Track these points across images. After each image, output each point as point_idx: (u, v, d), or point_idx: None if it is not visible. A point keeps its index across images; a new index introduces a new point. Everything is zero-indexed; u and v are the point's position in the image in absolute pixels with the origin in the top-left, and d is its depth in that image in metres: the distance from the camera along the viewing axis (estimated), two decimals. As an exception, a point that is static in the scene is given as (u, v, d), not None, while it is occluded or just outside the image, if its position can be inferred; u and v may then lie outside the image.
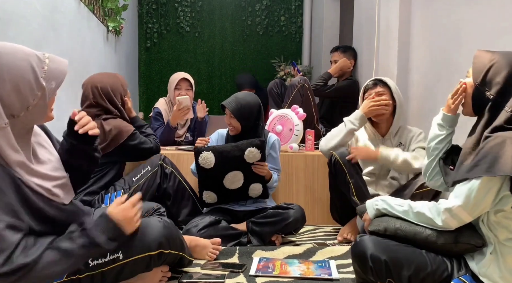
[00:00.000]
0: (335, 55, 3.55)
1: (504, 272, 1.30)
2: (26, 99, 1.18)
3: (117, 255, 1.38)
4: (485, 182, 1.27)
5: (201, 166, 2.14)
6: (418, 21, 2.60)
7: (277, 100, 3.58)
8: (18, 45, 1.21)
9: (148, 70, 5.20)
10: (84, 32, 2.86)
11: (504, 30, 1.78)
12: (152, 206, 1.85)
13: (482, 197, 1.28)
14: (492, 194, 1.28)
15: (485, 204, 1.29)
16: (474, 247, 1.35)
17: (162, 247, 1.46)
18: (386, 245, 1.40)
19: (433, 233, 1.38)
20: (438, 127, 1.57)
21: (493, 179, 1.26)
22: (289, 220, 2.11)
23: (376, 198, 1.58)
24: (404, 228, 1.42)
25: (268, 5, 5.25)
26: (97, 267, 1.36)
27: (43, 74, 1.20)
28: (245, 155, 2.13)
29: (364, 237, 1.44)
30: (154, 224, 1.48)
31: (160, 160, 2.28)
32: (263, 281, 1.65)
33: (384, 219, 1.51)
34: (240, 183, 2.18)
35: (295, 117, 2.76)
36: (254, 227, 2.13)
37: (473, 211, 1.31)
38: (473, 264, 1.36)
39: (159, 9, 5.15)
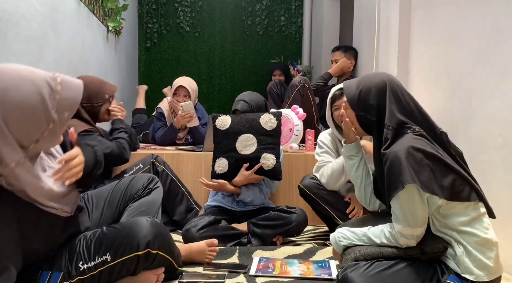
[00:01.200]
0: (336, 55, 3.55)
1: (478, 258, 1.33)
2: (35, 134, 1.12)
3: (105, 257, 1.38)
4: (404, 196, 1.37)
5: (217, 127, 2.20)
6: (418, 21, 2.60)
7: (277, 100, 3.58)
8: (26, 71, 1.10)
9: (148, 70, 5.19)
10: (84, 32, 2.85)
11: (504, 30, 1.79)
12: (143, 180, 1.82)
13: (411, 208, 1.38)
14: (416, 202, 1.38)
15: (419, 212, 1.38)
16: (438, 253, 1.41)
17: (150, 246, 1.42)
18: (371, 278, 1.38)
19: (398, 248, 1.43)
20: (348, 159, 1.70)
21: (407, 190, 1.35)
22: (291, 225, 2.11)
23: (337, 233, 1.61)
24: (369, 252, 1.47)
25: (268, 5, 5.25)
26: (87, 270, 1.36)
27: (55, 106, 1.11)
28: (261, 118, 2.19)
29: (346, 272, 1.41)
30: (142, 223, 1.46)
31: (152, 158, 2.33)
32: (263, 281, 1.65)
33: (349, 251, 1.54)
34: (253, 149, 2.17)
35: (295, 117, 2.76)
36: (255, 229, 2.12)
37: (416, 223, 1.39)
38: (452, 264, 1.39)
39: (159, 9, 5.15)
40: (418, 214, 1.38)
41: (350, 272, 1.40)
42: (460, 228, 1.36)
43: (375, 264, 1.41)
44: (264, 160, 2.17)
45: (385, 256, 1.43)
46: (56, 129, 1.15)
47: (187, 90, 3.07)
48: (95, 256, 1.37)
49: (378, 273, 1.38)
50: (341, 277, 1.42)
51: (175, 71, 5.14)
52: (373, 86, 1.50)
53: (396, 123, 1.44)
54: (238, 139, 2.18)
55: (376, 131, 1.50)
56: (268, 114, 2.23)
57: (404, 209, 1.38)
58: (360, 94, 1.51)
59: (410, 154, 1.34)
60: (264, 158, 2.17)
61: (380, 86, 1.49)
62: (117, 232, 1.44)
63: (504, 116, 1.79)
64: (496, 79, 1.85)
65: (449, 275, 1.37)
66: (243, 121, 2.22)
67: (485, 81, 1.92)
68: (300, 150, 2.78)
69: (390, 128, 1.44)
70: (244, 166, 2.18)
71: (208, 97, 5.24)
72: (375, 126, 1.50)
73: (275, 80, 3.84)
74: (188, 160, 2.64)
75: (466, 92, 2.05)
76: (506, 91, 1.78)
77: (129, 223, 1.48)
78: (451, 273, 1.38)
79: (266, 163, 2.17)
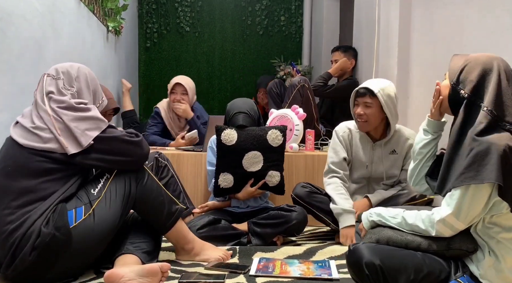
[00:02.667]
0: (336, 55, 3.55)
1: (504, 272, 1.31)
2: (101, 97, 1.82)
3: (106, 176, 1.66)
4: (474, 190, 1.29)
5: (223, 142, 2.15)
6: (418, 21, 2.60)
7: (277, 100, 3.58)
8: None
9: (148, 70, 5.19)
10: (84, 32, 2.85)
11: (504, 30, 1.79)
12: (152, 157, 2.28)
13: (472, 204, 1.30)
14: (482, 201, 1.30)
15: (476, 211, 1.31)
16: (466, 252, 1.37)
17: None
18: (380, 251, 1.39)
19: (424, 241, 1.40)
20: (423, 132, 1.61)
21: (481, 186, 1.28)
22: (291, 223, 2.11)
23: (370, 210, 1.58)
24: (395, 239, 1.44)
25: (268, 5, 5.25)
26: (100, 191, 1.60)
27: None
28: (268, 135, 2.18)
29: (357, 245, 1.42)
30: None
31: (156, 155, 2.35)
32: (263, 281, 1.64)
33: (375, 230, 1.52)
34: (259, 166, 2.17)
35: (295, 117, 2.76)
36: (255, 228, 2.12)
37: (465, 219, 1.32)
38: (473, 267, 1.36)
39: (159, 9, 5.15)
40: (473, 212, 1.31)
41: (362, 244, 1.41)
42: (502, 239, 1.32)
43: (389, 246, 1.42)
44: (270, 178, 2.20)
45: (409, 247, 1.40)
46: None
47: (184, 88, 3.06)
48: (102, 176, 1.64)
49: (388, 249, 1.39)
50: (352, 248, 1.42)
51: (175, 71, 5.14)
52: (480, 64, 1.39)
53: (497, 110, 1.32)
54: (245, 156, 2.17)
55: (464, 110, 1.38)
56: (275, 131, 2.21)
57: (465, 201, 1.30)
58: (465, 67, 1.41)
59: (506, 153, 1.25)
60: (270, 175, 2.20)
61: (487, 67, 1.38)
62: None
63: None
64: (496, 79, 1.84)
65: (463, 275, 1.35)
66: (250, 138, 2.17)
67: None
68: (300, 149, 2.78)
69: (490, 113, 1.31)
70: (249, 182, 2.21)
71: (208, 97, 5.24)
72: (465, 105, 1.38)
73: (275, 80, 3.84)
74: (188, 159, 2.64)
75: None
76: (506, 91, 1.78)
77: None
78: (465, 273, 1.35)
79: (271, 180, 2.20)
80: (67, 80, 1.68)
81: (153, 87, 5.16)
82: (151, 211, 1.72)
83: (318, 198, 2.25)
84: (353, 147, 2.31)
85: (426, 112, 2.43)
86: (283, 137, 2.23)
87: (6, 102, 1.83)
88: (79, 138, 1.55)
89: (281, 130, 2.23)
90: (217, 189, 2.21)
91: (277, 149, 2.22)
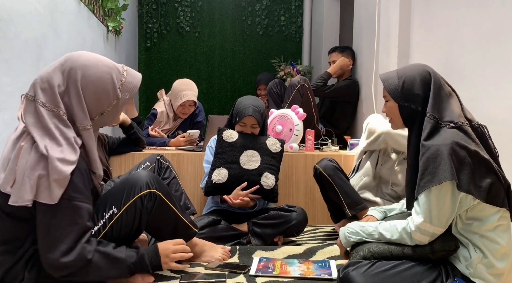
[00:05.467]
0: (333, 56, 3.55)
1: (494, 265, 1.32)
2: (103, 106, 1.38)
3: (112, 211, 1.45)
4: (437, 192, 1.33)
5: (224, 139, 2.22)
6: (418, 21, 2.60)
7: (277, 100, 3.58)
8: (101, 56, 1.41)
9: (148, 70, 5.19)
10: (84, 32, 2.85)
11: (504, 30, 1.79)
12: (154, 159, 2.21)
13: (439, 206, 1.33)
14: (447, 200, 1.33)
15: (446, 211, 1.34)
16: (449, 251, 1.38)
17: (150, 187, 1.51)
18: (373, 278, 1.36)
19: (407, 247, 1.41)
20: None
21: (442, 187, 1.31)
22: (291, 223, 2.11)
23: (346, 227, 1.60)
24: (379, 251, 1.45)
25: (268, 5, 5.25)
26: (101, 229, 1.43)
27: (120, 86, 1.40)
28: (267, 140, 2.25)
29: (350, 273, 1.39)
30: (140, 172, 1.57)
31: (158, 156, 2.37)
32: (263, 281, 1.64)
33: (358, 248, 1.53)
34: (256, 165, 2.18)
35: (295, 117, 2.76)
36: (255, 228, 2.12)
37: (439, 222, 1.35)
38: (462, 267, 1.37)
39: (159, 9, 5.15)
40: (445, 213, 1.34)
41: (352, 270, 1.39)
42: (483, 232, 1.34)
43: (377, 264, 1.40)
44: (266, 179, 2.18)
45: (394, 255, 1.41)
46: (118, 107, 1.41)
47: (194, 101, 3.11)
48: (103, 214, 1.45)
49: (380, 273, 1.37)
50: (342, 275, 1.41)
51: (175, 71, 5.14)
52: (417, 76, 1.45)
53: (437, 114, 1.39)
54: (244, 153, 2.19)
55: (419, 121, 1.43)
56: (274, 139, 2.29)
57: (433, 204, 1.33)
58: (404, 84, 1.45)
59: (453, 150, 1.30)
60: (265, 176, 2.18)
61: (424, 76, 1.44)
62: (117, 186, 1.53)
63: (504, 117, 1.79)
64: (496, 80, 1.85)
65: (454, 279, 1.36)
66: (250, 138, 2.25)
67: (485, 81, 1.93)
68: (300, 149, 2.78)
69: (432, 118, 1.39)
70: (241, 185, 2.14)
71: (208, 97, 5.24)
72: (420, 117, 1.43)
73: (275, 80, 3.84)
74: (188, 159, 2.64)
75: (466, 92, 2.04)
76: (506, 91, 1.78)
77: (127, 177, 1.58)
78: (456, 276, 1.36)
79: (267, 182, 2.17)
80: (49, 98, 1.30)
81: (153, 87, 5.15)
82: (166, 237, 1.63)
83: (342, 177, 2.22)
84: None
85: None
86: (281, 147, 2.28)
87: (6, 102, 1.83)
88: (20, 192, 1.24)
89: (280, 141, 2.30)
90: (209, 185, 2.17)
91: (275, 155, 2.25)
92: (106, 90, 1.36)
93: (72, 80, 1.32)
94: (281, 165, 2.33)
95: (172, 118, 3.21)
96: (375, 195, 2.29)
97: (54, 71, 1.32)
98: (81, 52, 1.38)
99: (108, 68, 1.38)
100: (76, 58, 1.35)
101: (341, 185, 2.20)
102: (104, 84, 1.36)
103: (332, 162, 2.24)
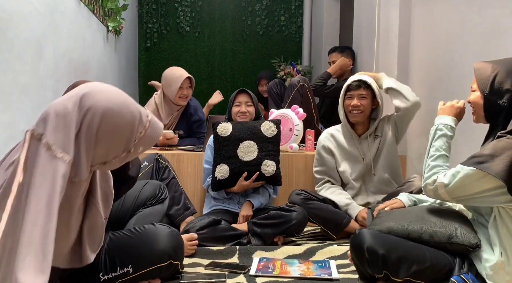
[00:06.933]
0: (333, 56, 3.55)
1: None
2: (108, 156, 1.12)
3: (127, 269, 1.39)
4: (478, 177, 1.30)
5: (219, 134, 2.25)
6: (418, 21, 2.60)
7: (277, 100, 3.58)
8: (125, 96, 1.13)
9: (148, 70, 5.19)
10: (84, 32, 2.85)
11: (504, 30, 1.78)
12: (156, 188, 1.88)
13: (468, 189, 1.33)
14: (480, 190, 1.31)
15: (468, 192, 1.33)
16: (468, 248, 1.36)
17: (172, 258, 1.47)
18: (384, 239, 1.41)
19: (426, 232, 1.40)
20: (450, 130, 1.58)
21: (487, 178, 1.28)
22: (291, 223, 2.11)
23: None
24: (396, 229, 1.45)
25: (268, 5, 5.25)
26: (109, 281, 1.37)
27: (137, 138, 1.13)
28: (262, 125, 2.25)
29: (363, 230, 1.46)
30: (163, 234, 1.48)
31: (156, 156, 2.35)
32: (263, 281, 1.65)
33: (376, 221, 1.54)
34: (254, 155, 2.21)
35: (295, 117, 2.76)
36: (255, 228, 2.12)
37: (453, 193, 1.36)
38: (480, 267, 1.35)
39: (159, 9, 5.15)
40: (464, 194, 1.34)
41: (366, 231, 1.44)
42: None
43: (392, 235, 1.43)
44: (265, 166, 2.21)
45: (410, 238, 1.42)
46: (125, 159, 1.15)
47: (191, 81, 3.03)
48: (116, 268, 1.38)
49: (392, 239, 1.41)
50: (358, 233, 1.45)
51: (175, 71, 5.14)
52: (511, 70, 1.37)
53: None
54: (240, 146, 2.22)
55: (504, 118, 1.37)
56: (268, 122, 2.30)
57: (464, 180, 1.33)
58: (496, 77, 1.38)
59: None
60: (265, 164, 2.21)
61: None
62: (137, 242, 1.44)
63: (504, 116, 1.79)
64: (496, 79, 1.84)
65: (467, 273, 1.34)
66: (244, 129, 2.26)
67: (485, 81, 1.92)
68: (300, 149, 2.78)
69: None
70: (243, 175, 2.21)
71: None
72: (505, 114, 1.37)
73: (275, 80, 3.84)
74: (188, 159, 2.64)
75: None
76: (506, 91, 1.78)
77: (149, 232, 1.48)
78: (471, 271, 1.34)
79: (267, 169, 2.21)
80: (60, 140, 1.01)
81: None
82: None
83: (315, 204, 2.25)
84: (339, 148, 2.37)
85: (426, 112, 2.44)
86: (277, 129, 2.29)
87: (6, 102, 1.83)
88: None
89: (275, 122, 2.31)
90: (214, 182, 2.24)
91: (271, 140, 2.27)
92: (121, 141, 1.10)
93: (88, 123, 1.04)
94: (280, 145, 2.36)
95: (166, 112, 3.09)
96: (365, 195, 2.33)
97: (72, 107, 1.04)
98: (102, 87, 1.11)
99: (133, 117, 1.10)
100: (98, 95, 1.07)
101: (315, 214, 2.23)
102: (122, 134, 1.09)
103: (299, 195, 2.25)
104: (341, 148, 2.37)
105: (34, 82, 2.07)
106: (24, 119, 1.92)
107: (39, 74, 2.13)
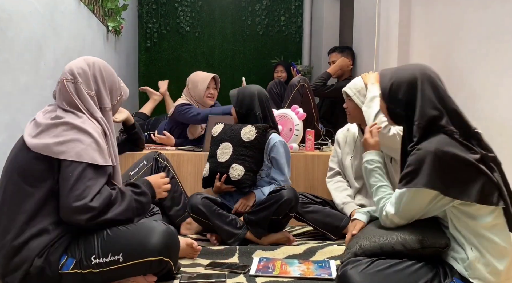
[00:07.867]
0: (333, 56, 3.55)
1: (493, 264, 1.32)
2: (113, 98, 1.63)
3: (117, 257, 1.41)
4: (413, 194, 1.39)
5: (212, 134, 2.33)
6: (418, 21, 2.60)
7: (277, 100, 3.58)
8: None
9: (148, 70, 5.19)
10: (84, 32, 2.85)
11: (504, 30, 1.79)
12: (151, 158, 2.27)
13: (412, 207, 1.41)
14: (422, 205, 1.40)
15: (416, 213, 1.43)
16: (439, 249, 1.40)
17: (163, 254, 1.46)
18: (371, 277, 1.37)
19: (397, 243, 1.42)
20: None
21: (417, 191, 1.37)
22: (282, 200, 2.06)
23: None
24: (368, 247, 1.47)
25: (268, 5, 5.25)
26: (98, 265, 1.40)
27: (122, 84, 1.69)
28: (243, 129, 2.23)
29: (347, 270, 1.40)
30: (158, 230, 1.48)
31: (155, 155, 2.34)
32: (263, 281, 1.65)
33: (350, 244, 1.56)
34: (227, 157, 2.20)
35: (295, 117, 2.76)
36: (250, 217, 2.12)
37: (406, 218, 1.45)
38: (460, 268, 1.37)
39: (159, 9, 5.15)
40: (412, 214, 1.43)
41: (350, 269, 1.40)
42: (480, 231, 1.34)
43: (375, 263, 1.40)
44: (232, 170, 2.17)
45: (384, 252, 1.43)
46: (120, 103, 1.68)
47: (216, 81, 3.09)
48: (108, 254, 1.41)
49: (378, 272, 1.37)
50: (341, 273, 1.42)
51: (175, 71, 5.14)
52: (404, 81, 1.46)
53: (426, 121, 1.41)
54: (220, 146, 2.25)
55: (406, 125, 1.49)
56: (250, 127, 2.21)
57: (405, 202, 1.41)
58: (391, 87, 1.48)
59: (438, 156, 1.33)
60: (233, 168, 2.17)
61: (411, 82, 1.46)
62: (133, 233, 1.46)
63: (504, 116, 1.79)
64: (496, 79, 1.85)
65: (452, 279, 1.36)
66: (228, 131, 2.27)
67: (485, 81, 1.93)
68: (300, 149, 2.78)
69: (420, 126, 1.41)
70: (216, 176, 2.22)
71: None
72: (405, 120, 1.49)
73: (275, 80, 3.84)
74: (188, 159, 2.64)
75: (466, 92, 2.05)
76: (506, 91, 1.78)
77: (145, 226, 1.50)
78: (454, 276, 1.36)
79: (233, 173, 2.16)
80: (85, 82, 1.53)
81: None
82: None
83: (312, 208, 2.25)
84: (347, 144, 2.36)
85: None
86: (256, 134, 2.19)
87: (6, 102, 1.83)
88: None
89: (259, 128, 2.21)
90: (203, 178, 2.31)
91: (247, 144, 2.19)
92: (116, 85, 1.63)
93: (97, 70, 1.57)
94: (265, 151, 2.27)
95: None
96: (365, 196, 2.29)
97: (82, 63, 1.55)
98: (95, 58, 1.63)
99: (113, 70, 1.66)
100: (93, 58, 1.60)
101: (313, 218, 2.24)
102: (115, 79, 1.63)
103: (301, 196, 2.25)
104: (349, 144, 2.34)
105: (34, 82, 2.07)
106: (24, 119, 1.91)
107: (39, 74, 2.13)
